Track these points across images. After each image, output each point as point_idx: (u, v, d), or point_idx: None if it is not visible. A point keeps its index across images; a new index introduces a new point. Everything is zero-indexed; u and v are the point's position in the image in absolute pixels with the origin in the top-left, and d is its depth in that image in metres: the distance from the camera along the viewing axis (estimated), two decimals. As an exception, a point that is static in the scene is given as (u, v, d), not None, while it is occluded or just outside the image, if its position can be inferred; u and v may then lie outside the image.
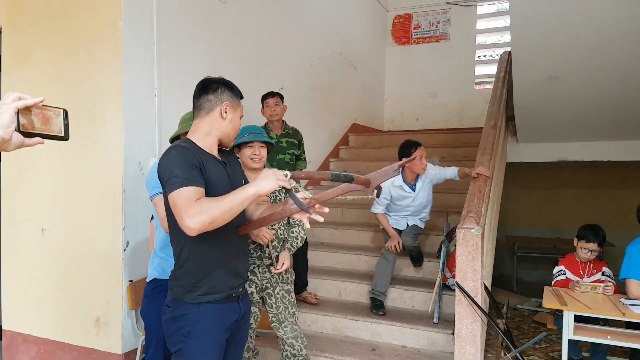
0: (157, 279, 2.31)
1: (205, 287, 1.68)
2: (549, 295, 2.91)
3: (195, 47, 3.52)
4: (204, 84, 1.78)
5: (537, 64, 4.33)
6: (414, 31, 7.47)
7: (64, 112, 1.14)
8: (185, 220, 1.48)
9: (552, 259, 6.90)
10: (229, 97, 1.76)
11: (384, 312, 3.46)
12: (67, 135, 1.14)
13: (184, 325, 1.68)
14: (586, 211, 6.89)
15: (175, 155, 1.62)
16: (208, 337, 1.69)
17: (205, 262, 1.69)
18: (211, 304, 1.69)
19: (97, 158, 2.97)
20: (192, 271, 1.69)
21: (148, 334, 2.37)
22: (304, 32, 5.13)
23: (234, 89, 1.80)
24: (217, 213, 1.48)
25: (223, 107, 1.74)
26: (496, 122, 4.25)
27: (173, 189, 1.54)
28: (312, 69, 5.29)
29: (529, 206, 7.26)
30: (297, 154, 3.87)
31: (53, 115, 1.12)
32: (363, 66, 6.70)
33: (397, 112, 7.57)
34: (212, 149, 1.75)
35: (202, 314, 1.68)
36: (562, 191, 7.18)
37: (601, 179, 6.82)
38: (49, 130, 1.10)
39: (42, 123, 1.09)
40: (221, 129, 1.75)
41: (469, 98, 7.25)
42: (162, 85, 3.17)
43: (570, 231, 7.08)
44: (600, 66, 4.11)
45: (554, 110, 4.96)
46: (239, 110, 1.80)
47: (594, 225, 3.32)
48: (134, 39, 2.96)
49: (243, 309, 1.82)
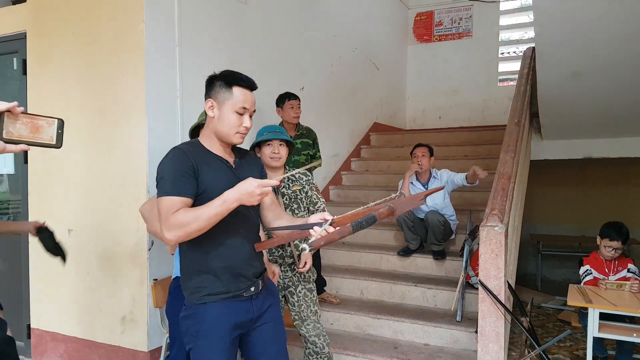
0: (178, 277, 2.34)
1: (208, 289, 1.69)
2: (573, 293, 2.86)
3: (217, 49, 3.56)
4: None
5: (561, 60, 4.25)
6: (435, 28, 7.41)
7: (59, 121, 1.21)
8: (164, 232, 1.55)
9: (577, 257, 6.79)
10: (214, 93, 1.68)
11: (403, 253, 3.95)
12: (59, 143, 1.21)
13: (192, 324, 1.71)
14: (612, 209, 6.73)
15: (170, 158, 1.64)
16: (213, 336, 1.69)
17: (207, 265, 1.69)
18: (216, 304, 1.69)
19: (122, 159, 3.04)
20: (195, 272, 1.71)
21: (172, 332, 2.42)
22: (324, 32, 5.14)
23: (219, 81, 1.68)
24: (193, 228, 1.53)
25: (207, 106, 1.69)
26: (520, 119, 4.19)
27: (159, 194, 1.59)
28: (332, 69, 5.29)
29: (554, 204, 7.13)
30: (311, 153, 3.88)
31: (45, 124, 1.19)
32: (384, 65, 6.67)
33: (419, 111, 7.52)
34: (217, 149, 1.72)
35: (208, 313, 1.69)
36: (588, 189, 7.03)
37: (627, 175, 6.66)
38: (38, 139, 1.18)
39: (30, 131, 1.17)
40: (214, 127, 1.70)
41: (493, 95, 7.16)
42: (185, 87, 3.22)
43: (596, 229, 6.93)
44: (626, 61, 4.01)
45: (578, 106, 4.86)
46: (232, 103, 1.65)
47: (617, 222, 3.27)
48: (156, 42, 3.01)
49: (258, 308, 1.78)
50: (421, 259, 3.98)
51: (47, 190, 3.35)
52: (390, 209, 1.45)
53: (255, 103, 1.72)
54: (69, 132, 3.01)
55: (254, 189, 1.49)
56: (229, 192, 1.53)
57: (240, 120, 1.67)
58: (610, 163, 6.22)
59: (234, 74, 1.70)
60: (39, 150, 3.36)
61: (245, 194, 1.50)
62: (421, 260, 3.98)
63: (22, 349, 3.53)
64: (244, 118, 1.67)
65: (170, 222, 1.53)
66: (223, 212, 1.52)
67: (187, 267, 1.74)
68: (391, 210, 1.46)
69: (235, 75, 1.69)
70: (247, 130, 1.70)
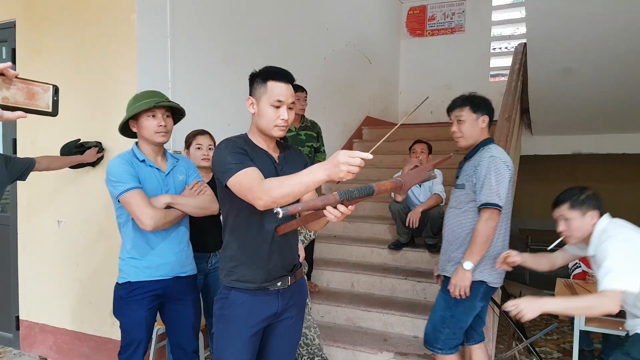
0: (131, 282, 2.13)
1: (238, 274, 1.73)
2: (561, 286, 2.90)
3: (210, 41, 3.54)
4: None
5: (552, 56, 4.29)
6: (428, 23, 7.42)
7: (54, 88, 1.15)
8: (259, 197, 1.48)
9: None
10: (253, 89, 1.72)
11: (393, 247, 3.99)
12: (55, 111, 1.15)
13: (217, 307, 1.76)
14: (601, 204, 6.80)
15: (225, 147, 1.66)
16: (233, 324, 1.72)
17: (240, 251, 1.73)
18: (243, 292, 1.72)
19: (113, 151, 3.01)
20: (230, 256, 1.75)
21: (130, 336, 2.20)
22: (317, 25, 5.12)
23: (257, 78, 1.71)
24: (279, 193, 1.45)
25: (248, 103, 1.74)
26: (510, 114, 4.22)
27: (230, 175, 1.58)
28: (325, 62, 5.28)
29: (543, 199, 7.13)
30: (315, 146, 3.89)
31: (40, 90, 1.13)
32: (377, 59, 6.67)
33: (411, 105, 7.52)
34: (262, 144, 1.75)
35: (232, 299, 1.73)
36: (576, 184, 7.08)
37: (615, 172, 6.73)
38: (34, 105, 1.11)
39: (26, 97, 1.10)
40: (255, 123, 1.74)
41: (484, 90, 6.99)
42: (176, 79, 3.19)
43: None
44: (616, 57, 4.06)
45: (569, 102, 4.91)
46: (268, 97, 1.66)
47: None
48: (147, 33, 2.99)
49: (284, 302, 1.78)
50: (411, 253, 4.00)
51: (37, 181, 3.31)
52: (398, 182, 1.38)
53: (293, 95, 1.72)
54: (59, 124, 3.02)
55: (339, 161, 1.32)
56: (318, 167, 1.41)
57: (277, 114, 1.67)
58: (598, 159, 6.29)
59: (270, 69, 1.71)
60: (27, 140, 3.35)
61: (330, 165, 1.35)
62: (411, 254, 4.00)
63: (10, 340, 3.52)
64: (280, 111, 1.67)
65: (265, 185, 1.49)
66: (308, 182, 1.40)
67: (224, 249, 1.78)
68: (399, 183, 1.38)
69: (271, 70, 1.70)
70: (286, 123, 1.70)
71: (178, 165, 2.25)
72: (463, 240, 2.38)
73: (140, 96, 2.12)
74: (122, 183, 2.00)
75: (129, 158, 2.08)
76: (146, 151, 2.13)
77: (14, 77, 1.08)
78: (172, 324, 2.26)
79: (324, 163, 1.38)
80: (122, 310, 2.16)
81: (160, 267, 2.14)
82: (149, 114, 2.07)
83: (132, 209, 1.98)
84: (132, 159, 2.09)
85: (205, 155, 2.71)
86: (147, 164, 2.11)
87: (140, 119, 2.07)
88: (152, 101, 2.07)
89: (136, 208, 1.97)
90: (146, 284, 2.12)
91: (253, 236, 1.72)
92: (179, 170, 2.24)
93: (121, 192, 1.99)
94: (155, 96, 2.12)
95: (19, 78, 1.09)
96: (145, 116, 2.07)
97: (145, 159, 2.11)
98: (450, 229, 2.46)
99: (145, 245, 2.13)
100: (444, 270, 2.48)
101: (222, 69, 3.66)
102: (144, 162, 2.10)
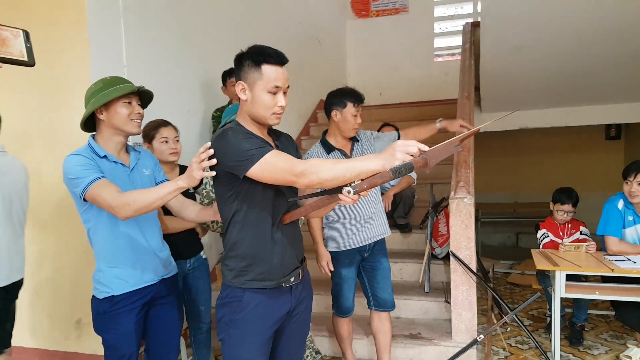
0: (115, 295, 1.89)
1: (253, 273, 1.59)
2: (538, 257, 2.99)
3: (164, 18, 3.28)
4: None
5: (505, 34, 4.38)
6: (373, 3, 7.38)
7: (24, 33, 1.00)
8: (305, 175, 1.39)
9: (511, 222, 7.24)
10: (244, 74, 1.57)
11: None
12: (31, 60, 1.01)
13: (227, 312, 1.61)
14: (541, 176, 7.22)
15: (233, 135, 1.51)
16: (249, 327, 1.59)
17: (253, 248, 1.59)
18: (257, 293, 1.60)
19: (67, 145, 2.72)
20: (241, 255, 1.60)
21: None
22: (269, 4, 4.92)
23: (247, 61, 1.56)
24: (322, 177, 1.36)
25: (239, 89, 1.60)
26: (470, 92, 4.30)
27: (255, 161, 1.44)
28: (278, 42, 5.02)
29: (488, 174, 7.48)
30: None
31: (10, 36, 0.97)
32: (326, 40, 6.56)
33: (360, 87, 7.36)
34: (257, 131, 1.62)
35: (246, 302, 1.59)
36: (519, 158, 7.46)
37: (555, 144, 7.14)
38: (7, 54, 0.96)
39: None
40: (248, 110, 1.60)
41: (429, 71, 7.29)
42: (131, 62, 2.93)
43: (527, 195, 7.44)
44: (564, 34, 4.21)
45: (517, 79, 5.07)
46: (264, 83, 1.54)
47: (567, 188, 3.47)
48: (99, 14, 2.71)
49: (296, 298, 1.71)
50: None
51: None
52: (424, 159, 1.30)
53: (288, 79, 1.60)
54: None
55: (395, 149, 1.27)
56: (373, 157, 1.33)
57: (275, 100, 1.57)
58: (538, 133, 6.63)
59: (262, 50, 1.56)
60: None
61: (387, 154, 1.28)
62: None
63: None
64: (277, 97, 1.57)
65: (305, 164, 1.40)
66: (361, 169, 1.30)
67: (230, 249, 1.63)
68: (425, 161, 1.30)
69: (264, 51, 1.55)
70: (283, 110, 1.59)
71: (141, 159, 2.01)
72: None
73: (109, 81, 1.87)
74: (84, 177, 1.73)
75: (87, 154, 1.81)
76: (108, 146, 1.88)
77: None
78: (154, 330, 2.05)
79: (381, 153, 1.31)
80: (107, 326, 1.91)
81: (145, 271, 1.94)
82: (124, 101, 1.85)
83: (103, 198, 1.70)
84: (91, 154, 1.81)
85: (173, 149, 2.49)
86: (109, 160, 1.86)
87: (112, 106, 1.83)
88: (129, 86, 1.85)
89: (107, 196, 1.69)
90: (133, 293, 1.91)
91: (266, 230, 1.60)
92: (143, 164, 2.01)
93: (86, 187, 1.72)
94: (125, 82, 1.90)
95: None
96: (121, 103, 1.84)
97: (107, 154, 1.85)
98: None
99: (125, 250, 1.90)
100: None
101: (175, 50, 3.41)
102: (106, 158, 1.85)
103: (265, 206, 1.59)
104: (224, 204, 1.63)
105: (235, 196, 1.58)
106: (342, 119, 2.53)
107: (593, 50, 4.36)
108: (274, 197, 1.61)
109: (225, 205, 1.63)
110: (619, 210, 2.95)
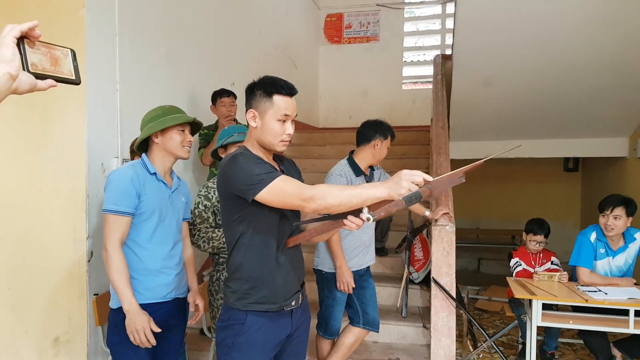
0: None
1: (256, 296, 1.62)
2: (515, 285, 3.12)
3: (155, 40, 3.27)
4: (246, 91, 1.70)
5: (477, 68, 4.62)
6: (345, 30, 7.59)
7: (72, 52, 1.03)
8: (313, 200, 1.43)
9: (472, 248, 7.48)
10: (255, 102, 1.65)
11: None
12: (78, 78, 1.02)
13: (228, 335, 1.62)
14: (503, 203, 7.52)
15: (244, 160, 1.56)
16: (251, 350, 1.61)
17: (257, 271, 1.63)
18: (260, 316, 1.62)
19: (55, 159, 2.64)
20: (245, 278, 1.63)
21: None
22: (251, 27, 5.00)
23: (259, 90, 1.63)
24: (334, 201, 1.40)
25: (249, 116, 1.66)
26: (444, 122, 4.48)
27: (264, 185, 1.49)
28: (259, 65, 5.17)
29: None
30: None
31: (61, 55, 1.00)
32: (301, 63, 6.68)
33: (331, 109, 7.67)
34: (263, 157, 1.66)
35: (248, 325, 1.61)
36: (481, 186, 7.75)
37: (516, 174, 7.47)
38: (59, 72, 0.98)
39: (51, 64, 0.97)
40: (257, 137, 1.66)
41: (398, 97, 7.54)
42: (123, 79, 2.91)
43: (489, 221, 7.71)
44: (532, 68, 4.48)
45: (487, 111, 5.32)
46: (274, 112, 1.61)
47: (539, 219, 3.64)
48: (96, 30, 2.68)
49: (296, 322, 1.74)
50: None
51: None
52: (429, 189, 1.37)
53: (296, 108, 1.67)
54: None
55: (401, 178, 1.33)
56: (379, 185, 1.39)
57: (283, 128, 1.63)
58: (502, 162, 6.93)
59: (274, 81, 1.64)
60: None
61: (392, 184, 1.34)
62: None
63: None
64: (286, 125, 1.64)
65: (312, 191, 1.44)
66: (368, 196, 1.36)
67: (234, 272, 1.66)
68: (430, 191, 1.37)
69: (275, 83, 1.63)
70: (290, 137, 1.66)
71: (181, 186, 2.18)
72: None
73: (168, 110, 2.07)
74: (116, 203, 1.89)
75: (138, 169, 1.96)
76: (160, 166, 2.04)
77: (38, 38, 0.93)
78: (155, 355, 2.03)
79: (386, 182, 1.38)
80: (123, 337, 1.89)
81: (160, 287, 1.99)
82: (179, 129, 2.04)
83: (109, 228, 1.90)
84: (141, 170, 1.97)
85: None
86: (157, 178, 2.01)
87: (168, 132, 2.02)
88: (184, 116, 2.05)
89: (111, 232, 1.89)
90: (148, 306, 1.93)
91: (271, 253, 1.65)
92: (182, 191, 2.18)
93: (109, 210, 1.90)
94: (180, 111, 2.10)
95: (40, 41, 0.94)
96: (176, 130, 2.03)
97: (157, 173, 2.01)
98: None
99: (142, 264, 1.97)
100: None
101: (165, 69, 3.41)
102: (155, 175, 2.01)
103: (271, 230, 1.63)
104: (230, 226, 1.66)
105: (241, 219, 1.62)
106: (381, 148, 2.78)
107: (557, 87, 4.66)
108: (279, 221, 1.65)
109: (231, 228, 1.66)
110: (591, 242, 3.13)
